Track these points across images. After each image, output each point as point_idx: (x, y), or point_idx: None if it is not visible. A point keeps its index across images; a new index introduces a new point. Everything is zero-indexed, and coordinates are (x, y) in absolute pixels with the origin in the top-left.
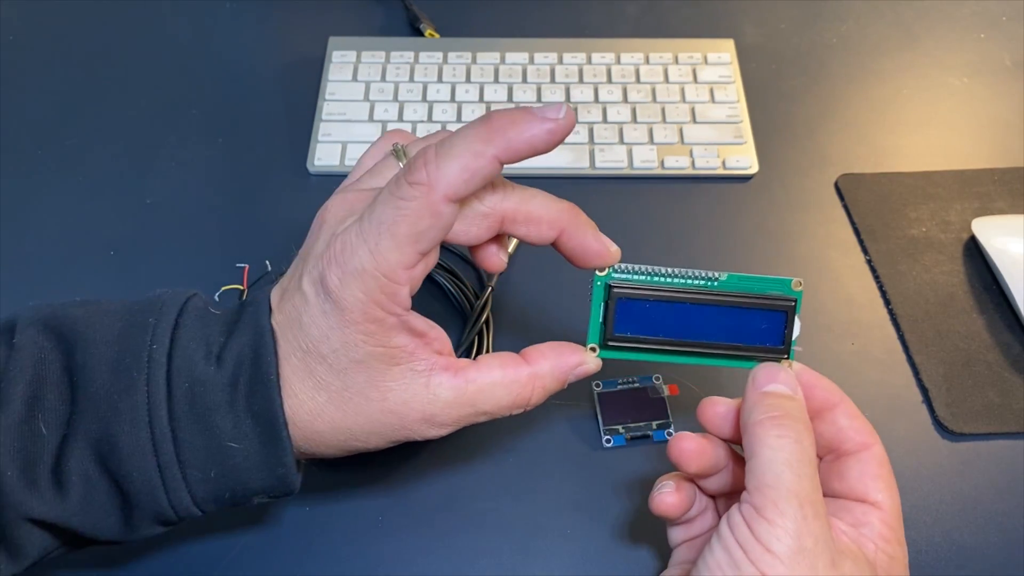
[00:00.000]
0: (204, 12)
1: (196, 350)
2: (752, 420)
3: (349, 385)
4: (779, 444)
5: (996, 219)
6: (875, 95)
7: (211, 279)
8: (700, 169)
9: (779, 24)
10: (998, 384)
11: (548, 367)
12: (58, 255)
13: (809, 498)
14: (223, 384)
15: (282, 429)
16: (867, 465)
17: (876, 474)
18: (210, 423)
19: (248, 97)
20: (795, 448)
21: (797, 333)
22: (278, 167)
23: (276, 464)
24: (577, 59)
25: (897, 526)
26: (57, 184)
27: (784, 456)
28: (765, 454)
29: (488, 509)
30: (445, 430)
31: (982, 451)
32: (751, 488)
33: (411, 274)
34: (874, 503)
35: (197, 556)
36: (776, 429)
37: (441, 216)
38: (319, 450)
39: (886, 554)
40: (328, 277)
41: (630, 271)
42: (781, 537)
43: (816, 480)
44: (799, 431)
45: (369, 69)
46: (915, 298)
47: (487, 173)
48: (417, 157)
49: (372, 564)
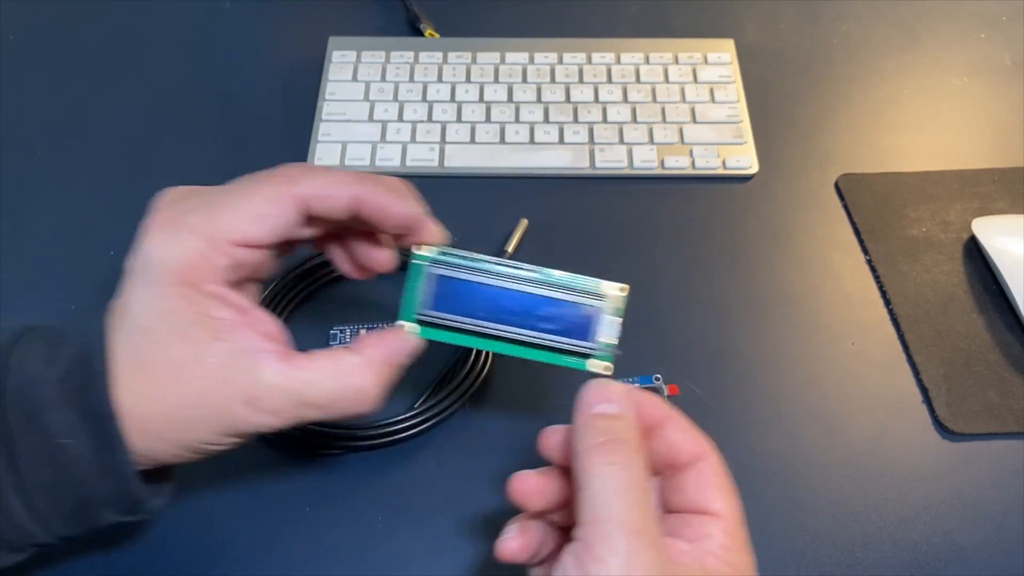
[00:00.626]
0: (204, 12)
1: (34, 354)
2: (581, 446)
3: (172, 358)
4: (607, 472)
5: (996, 219)
6: (875, 95)
7: None
8: (700, 169)
9: (779, 24)
10: (998, 384)
11: (376, 352)
12: (58, 255)
13: (640, 528)
14: (54, 381)
15: (110, 422)
16: (703, 476)
17: (712, 483)
18: (41, 422)
19: (248, 97)
20: (623, 476)
21: (615, 335)
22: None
23: (112, 463)
24: (577, 59)
25: (739, 533)
26: (57, 184)
27: (613, 485)
28: (594, 484)
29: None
30: (273, 419)
31: (982, 451)
32: (581, 522)
33: (235, 253)
34: (714, 513)
35: (197, 555)
36: (604, 456)
37: (286, 208)
38: (158, 447)
39: (728, 564)
40: (147, 240)
41: (454, 255)
42: (612, 570)
43: (647, 506)
44: (628, 455)
45: (369, 69)
46: (915, 298)
47: (337, 205)
48: (286, 165)
49: (372, 564)
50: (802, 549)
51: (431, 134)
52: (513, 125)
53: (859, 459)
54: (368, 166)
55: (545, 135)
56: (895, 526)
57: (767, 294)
